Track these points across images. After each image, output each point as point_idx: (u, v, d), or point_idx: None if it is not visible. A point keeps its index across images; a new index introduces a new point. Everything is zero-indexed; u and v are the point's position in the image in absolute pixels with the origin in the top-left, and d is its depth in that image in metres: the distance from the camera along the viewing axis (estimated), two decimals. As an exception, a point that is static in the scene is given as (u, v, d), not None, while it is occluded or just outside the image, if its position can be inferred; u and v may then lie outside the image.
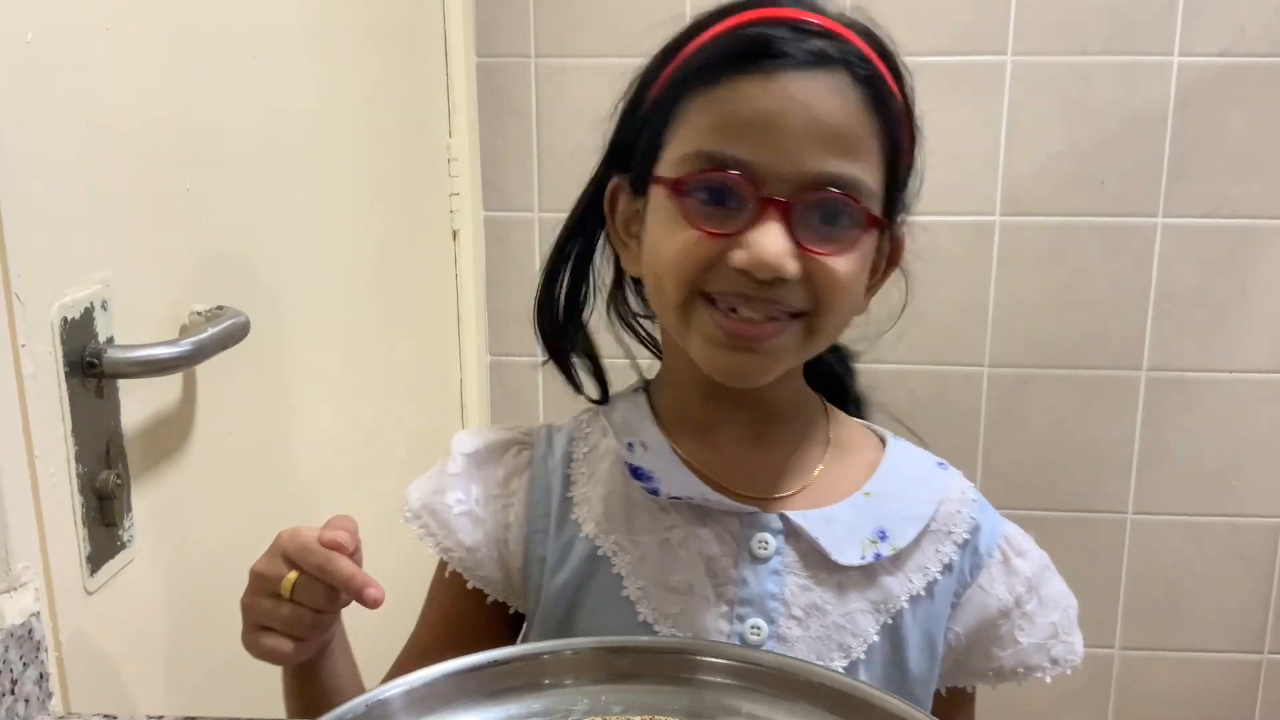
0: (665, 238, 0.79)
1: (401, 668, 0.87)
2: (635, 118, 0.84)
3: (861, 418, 0.96)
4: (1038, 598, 0.87)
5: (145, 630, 0.91)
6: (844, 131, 0.76)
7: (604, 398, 0.92)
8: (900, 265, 0.88)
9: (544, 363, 0.92)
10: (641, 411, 0.89)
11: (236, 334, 0.93)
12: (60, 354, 0.79)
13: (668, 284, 0.80)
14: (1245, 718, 1.76)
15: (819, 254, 0.76)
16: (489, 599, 0.90)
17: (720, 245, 0.77)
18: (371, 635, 0.93)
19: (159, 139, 0.90)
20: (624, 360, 0.93)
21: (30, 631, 0.76)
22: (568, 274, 0.89)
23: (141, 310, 0.89)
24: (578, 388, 0.92)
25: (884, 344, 0.98)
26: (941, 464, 0.92)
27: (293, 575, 0.74)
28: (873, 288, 0.86)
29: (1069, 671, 0.87)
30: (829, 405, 0.92)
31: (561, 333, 0.90)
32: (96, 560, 0.84)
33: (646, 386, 0.92)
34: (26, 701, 0.75)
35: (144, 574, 0.90)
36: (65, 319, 0.79)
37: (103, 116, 0.84)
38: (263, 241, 1.09)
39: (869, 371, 1.02)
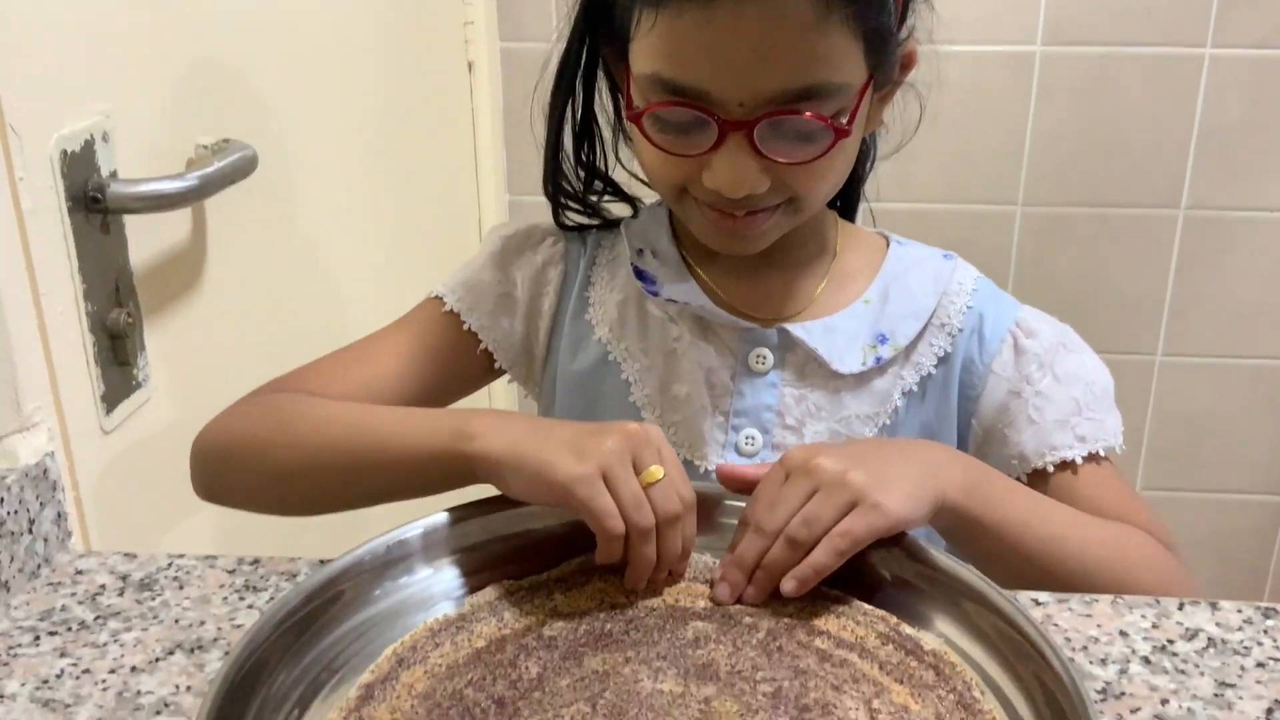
0: (642, 145, 0.80)
1: (330, 369, 0.88)
2: None
3: (851, 213, 0.95)
4: (1051, 374, 0.85)
5: (165, 469, 0.91)
6: (796, 44, 0.71)
7: (635, 213, 0.94)
8: (909, 77, 0.84)
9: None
10: (660, 222, 0.91)
11: (244, 168, 0.90)
12: (61, 188, 0.76)
13: (655, 185, 0.82)
14: (1263, 558, 1.77)
15: (789, 164, 0.75)
16: (480, 348, 0.91)
17: (689, 166, 0.77)
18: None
19: (155, -41, 0.86)
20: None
21: (45, 471, 0.75)
22: (569, 135, 0.88)
23: (145, 143, 0.86)
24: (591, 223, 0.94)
25: (914, 183, 0.95)
26: (948, 255, 0.91)
27: (659, 471, 0.66)
28: (883, 99, 0.83)
29: (1101, 451, 0.84)
30: (839, 219, 0.92)
31: (578, 199, 0.92)
32: (112, 400, 0.83)
33: None
34: (45, 540, 0.75)
35: (161, 413, 0.89)
36: (65, 152, 0.76)
37: (93, -66, 0.79)
38: (269, 72, 1.05)
39: (896, 211, 0.99)
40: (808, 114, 0.73)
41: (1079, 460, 0.83)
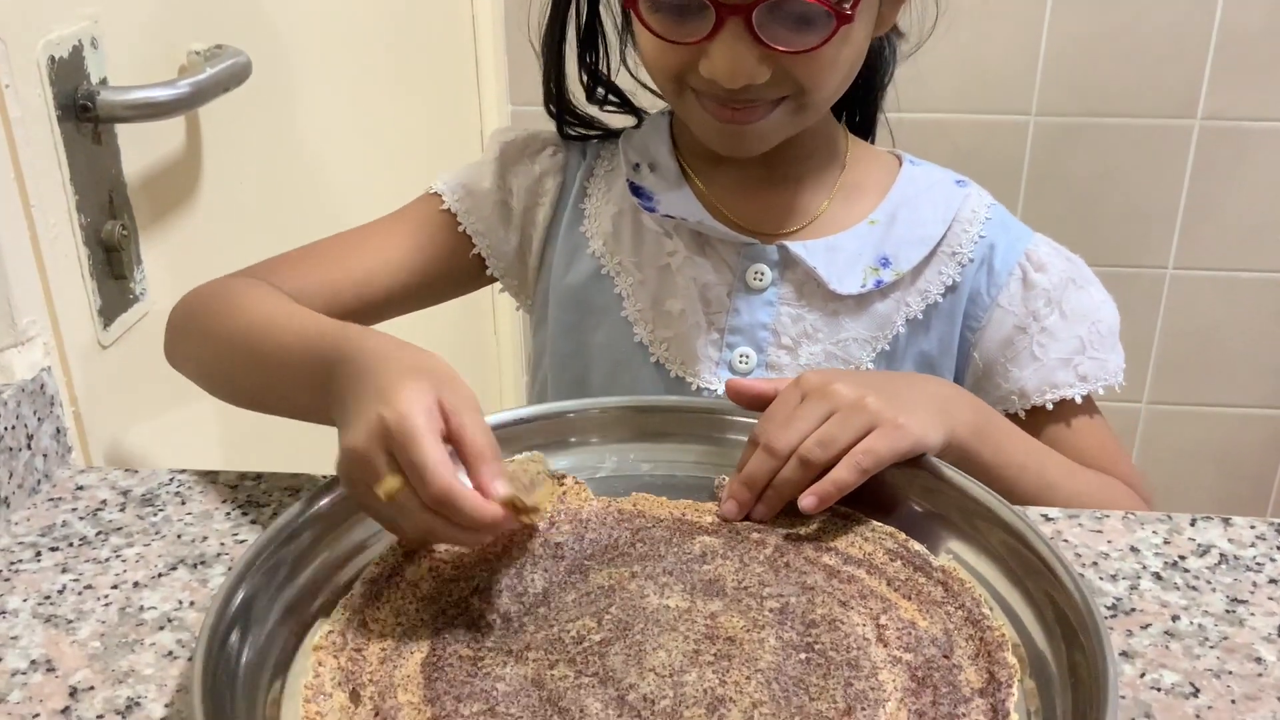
0: (641, 34, 0.77)
1: (322, 254, 0.85)
2: None
3: (868, 130, 0.93)
4: (1059, 311, 0.84)
5: (165, 384, 0.90)
6: None
7: (639, 123, 0.91)
8: None
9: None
10: (661, 135, 0.89)
11: (239, 74, 0.87)
12: (50, 96, 0.74)
13: (655, 77, 0.80)
14: (1269, 471, 1.77)
15: (790, 53, 0.72)
16: (473, 251, 0.89)
17: (687, 54, 0.74)
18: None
19: None
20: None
21: (42, 386, 0.74)
22: (573, 38, 0.86)
23: (135, 50, 0.83)
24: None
25: (926, 92, 0.93)
26: (961, 181, 0.88)
27: (394, 482, 0.56)
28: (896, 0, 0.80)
29: (1101, 390, 0.84)
30: (850, 134, 0.90)
31: (578, 116, 0.90)
32: (109, 314, 0.82)
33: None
34: (45, 456, 0.74)
35: (160, 327, 0.87)
36: (53, 58, 0.74)
37: None
38: (263, -25, 1.02)
39: (909, 121, 0.96)
40: None
41: (1078, 399, 0.83)
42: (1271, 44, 1.52)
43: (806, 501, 0.64)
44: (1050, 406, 0.84)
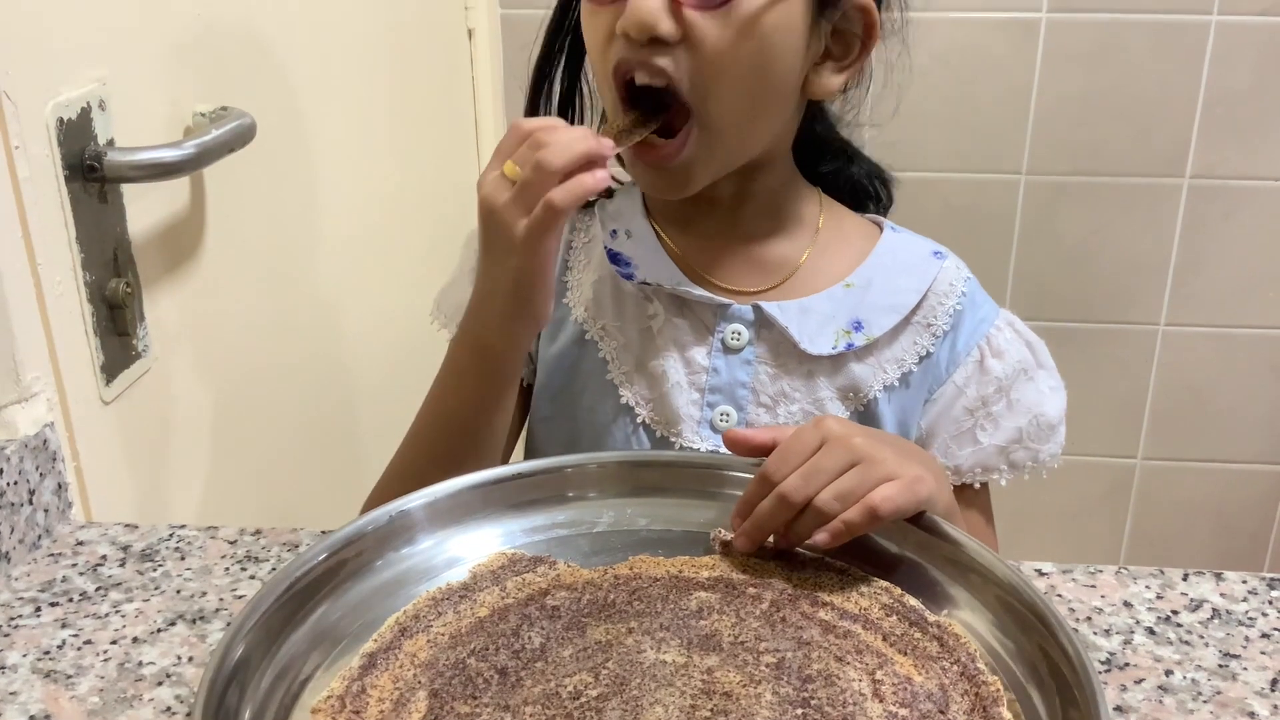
0: (585, 17, 0.80)
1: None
2: None
3: (860, 209, 0.95)
4: (1006, 400, 0.86)
5: (166, 440, 0.90)
6: None
7: (607, 193, 0.93)
8: (874, 48, 0.83)
9: None
10: (634, 201, 0.91)
11: (243, 136, 0.89)
12: (58, 157, 0.76)
13: (598, 79, 0.82)
14: (1264, 528, 1.77)
15: (694, 8, 0.75)
16: None
17: (613, 17, 0.76)
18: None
19: (150, -76, 0.85)
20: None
21: (45, 442, 0.75)
22: (556, 92, 0.89)
23: (142, 111, 0.85)
24: None
25: (918, 151, 0.95)
26: (939, 253, 0.90)
27: (509, 166, 0.71)
28: (845, 67, 0.83)
29: (1026, 477, 0.88)
30: (825, 198, 0.92)
31: None
32: (111, 370, 0.83)
33: None
34: (46, 511, 0.75)
35: (161, 383, 0.89)
36: (61, 119, 0.76)
37: (87, -103, 0.78)
38: (267, 40, 1.04)
39: (901, 180, 0.98)
40: None
41: (1002, 483, 0.88)
42: (1257, 104, 1.55)
43: (820, 538, 0.64)
44: (978, 486, 0.88)
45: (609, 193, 0.93)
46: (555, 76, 0.89)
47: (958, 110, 1.55)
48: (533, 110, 0.90)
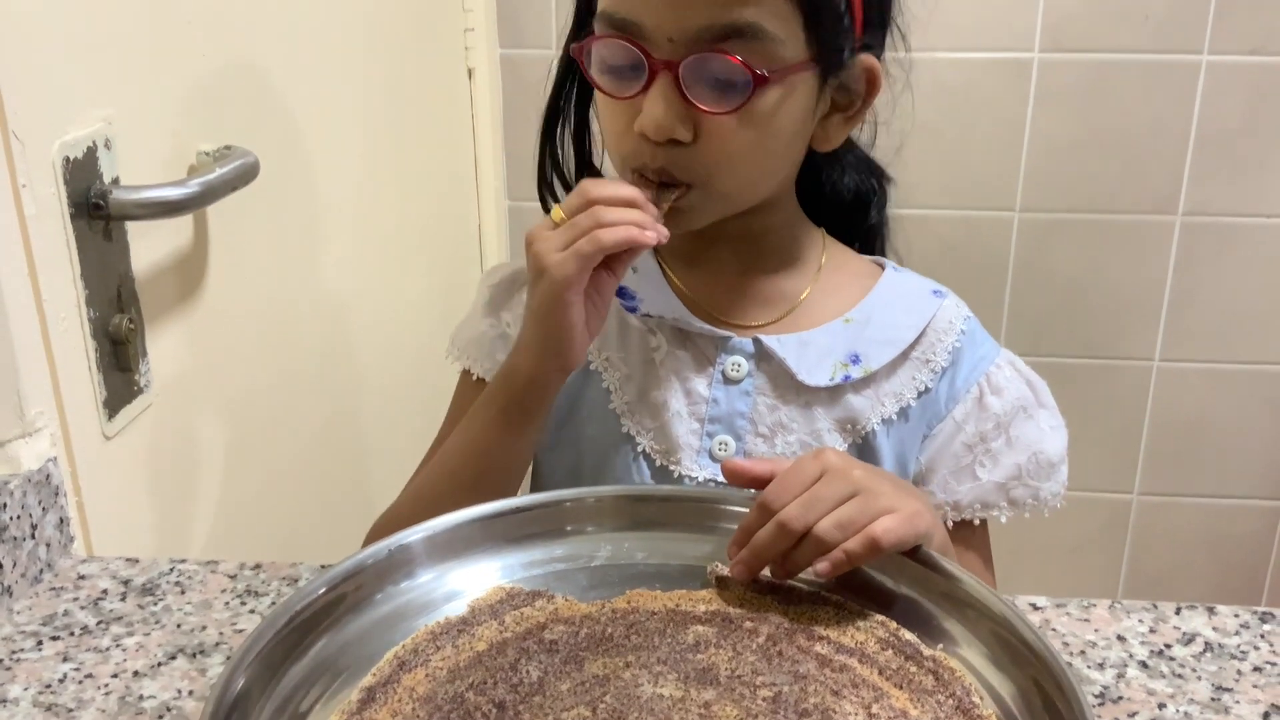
0: (600, 100, 0.83)
1: (422, 465, 0.93)
2: None
3: (869, 252, 0.97)
4: (1005, 437, 0.87)
5: (167, 475, 0.91)
6: None
7: None
8: (874, 101, 0.85)
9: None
10: None
11: (246, 175, 0.90)
12: (64, 195, 0.77)
13: (610, 155, 0.85)
14: (1261, 563, 1.77)
15: (708, 112, 0.77)
16: None
17: (630, 110, 0.79)
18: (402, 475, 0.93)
19: (157, -33, 0.86)
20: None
21: (48, 477, 0.75)
22: (568, 137, 0.91)
23: (147, 150, 0.86)
24: None
25: (912, 188, 0.97)
26: (938, 291, 0.91)
27: (555, 211, 0.77)
28: (851, 118, 0.85)
29: (1028, 515, 0.88)
30: (829, 238, 0.94)
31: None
32: (114, 405, 0.83)
33: None
34: (48, 545, 0.75)
35: (163, 419, 0.89)
36: (67, 159, 0.77)
37: (96, -58, 0.79)
38: (271, 79, 1.05)
39: (896, 217, 0.99)
40: (729, 55, 0.75)
41: (1002, 520, 0.88)
42: (1248, 142, 1.56)
43: (821, 567, 0.65)
44: (978, 523, 0.88)
45: None
46: (561, 132, 0.91)
47: (952, 148, 1.57)
48: (545, 150, 0.92)
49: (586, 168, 0.93)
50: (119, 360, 0.83)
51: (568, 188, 0.93)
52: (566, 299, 0.75)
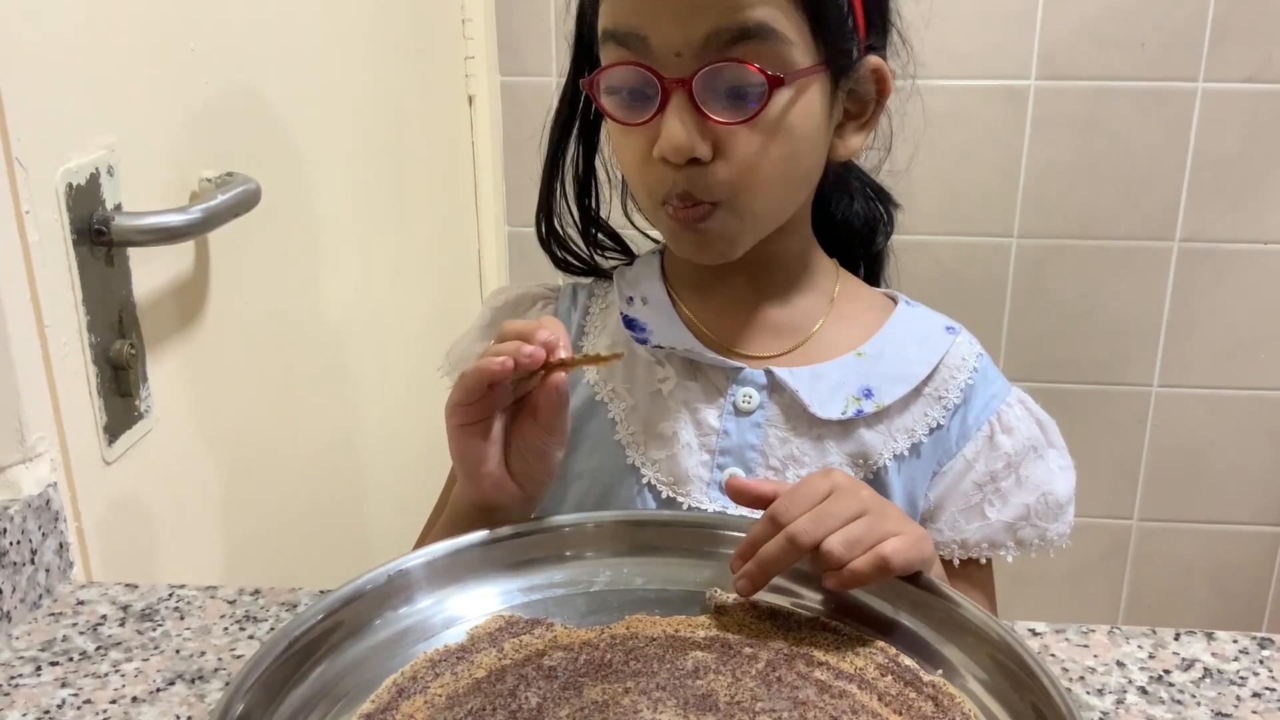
0: (616, 135, 0.82)
1: (438, 512, 0.92)
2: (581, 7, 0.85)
3: (873, 280, 0.97)
4: (1015, 476, 0.86)
5: (167, 501, 0.91)
6: None
7: (630, 260, 0.96)
8: (885, 106, 0.85)
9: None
10: (652, 269, 0.93)
11: (248, 201, 0.90)
12: (67, 221, 0.77)
13: (634, 190, 0.84)
14: (1261, 589, 1.77)
15: (726, 124, 0.76)
16: None
17: (647, 138, 0.78)
18: (406, 505, 0.93)
19: (161, -4, 0.87)
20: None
21: (48, 502, 0.75)
22: (570, 181, 0.91)
23: (149, 177, 0.86)
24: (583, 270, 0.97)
25: (910, 214, 0.97)
26: (951, 328, 0.91)
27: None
28: (866, 125, 0.85)
29: (1034, 555, 0.87)
30: (842, 270, 0.93)
31: (568, 247, 0.94)
32: (114, 431, 0.83)
33: (665, 247, 0.94)
34: (47, 571, 0.75)
35: (163, 444, 0.89)
36: (70, 185, 0.77)
37: (101, -29, 0.80)
38: (272, 106, 1.06)
39: (895, 242, 1.00)
40: (741, 61, 0.74)
41: (1009, 559, 0.87)
42: (1245, 168, 1.57)
43: (828, 584, 0.65)
44: (984, 561, 0.88)
45: (630, 260, 0.95)
46: (566, 165, 0.91)
47: (950, 175, 1.58)
48: (548, 184, 0.91)
49: (597, 225, 0.94)
50: (120, 385, 0.84)
51: (567, 245, 0.94)
52: (449, 427, 0.72)
